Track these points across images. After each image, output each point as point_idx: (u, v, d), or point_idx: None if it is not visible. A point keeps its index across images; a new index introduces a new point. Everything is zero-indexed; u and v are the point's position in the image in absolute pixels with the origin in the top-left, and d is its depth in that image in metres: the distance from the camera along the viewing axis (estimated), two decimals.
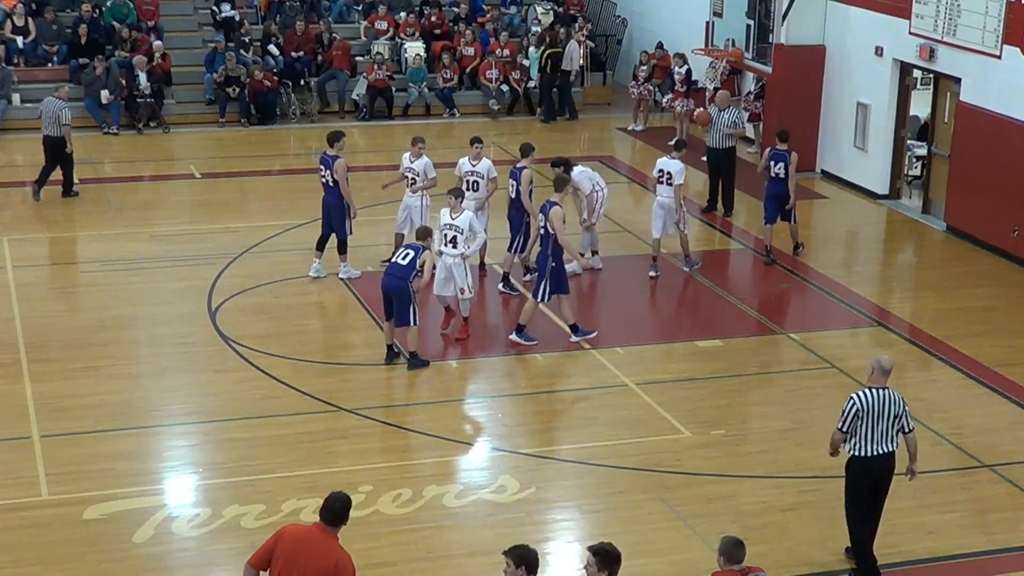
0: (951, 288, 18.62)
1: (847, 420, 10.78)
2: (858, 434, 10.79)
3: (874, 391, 10.78)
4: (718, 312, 17.66)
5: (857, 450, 10.84)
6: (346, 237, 17.76)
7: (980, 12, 19.76)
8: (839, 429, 10.84)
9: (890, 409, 10.78)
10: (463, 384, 15.39)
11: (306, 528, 8.74)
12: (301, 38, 28.16)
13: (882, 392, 10.79)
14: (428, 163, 17.99)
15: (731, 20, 25.47)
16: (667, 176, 18.25)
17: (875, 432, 10.76)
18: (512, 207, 17.70)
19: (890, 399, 10.79)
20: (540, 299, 15.86)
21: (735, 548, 8.87)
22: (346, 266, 17.96)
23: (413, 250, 15.12)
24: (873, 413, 10.73)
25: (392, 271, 15.13)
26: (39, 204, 21.41)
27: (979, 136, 20.03)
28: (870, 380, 10.93)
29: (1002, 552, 11.79)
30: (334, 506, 8.63)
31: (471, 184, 17.72)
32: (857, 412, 10.73)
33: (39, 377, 14.95)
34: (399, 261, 15.10)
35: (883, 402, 10.76)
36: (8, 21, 27.07)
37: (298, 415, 14.16)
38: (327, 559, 8.44)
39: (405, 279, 14.98)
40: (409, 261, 15.00)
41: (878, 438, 10.78)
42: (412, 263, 14.98)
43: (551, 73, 28.05)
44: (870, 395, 10.76)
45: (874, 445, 10.78)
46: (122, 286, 17.78)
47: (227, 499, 12.32)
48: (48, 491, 12.42)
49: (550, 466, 13.19)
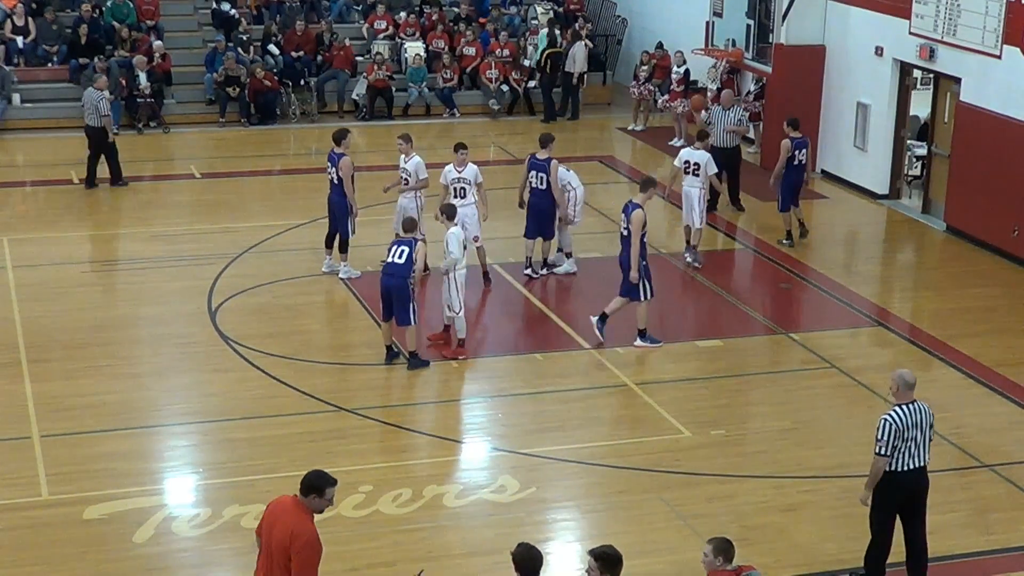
0: (951, 288, 18.63)
1: (887, 442, 10.48)
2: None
3: (905, 407, 10.55)
4: (718, 312, 17.67)
5: (888, 465, 10.60)
6: (348, 236, 17.74)
7: (980, 12, 19.76)
8: (879, 454, 10.53)
9: (924, 420, 10.59)
10: (463, 384, 15.37)
11: (285, 498, 8.96)
12: (301, 38, 28.17)
13: (913, 406, 10.58)
14: (419, 163, 17.90)
15: (731, 20, 25.48)
16: (694, 167, 18.61)
17: (908, 447, 10.54)
18: (539, 196, 17.81)
19: (922, 412, 10.60)
20: (646, 298, 15.95)
21: (730, 547, 8.89)
22: (346, 266, 17.94)
23: (407, 245, 15.02)
24: (907, 429, 10.50)
25: (390, 270, 15.04)
26: (39, 204, 21.42)
27: (979, 136, 20.03)
28: (898, 397, 10.62)
29: (1002, 552, 11.79)
30: (307, 476, 8.84)
31: (458, 191, 17.53)
32: (896, 432, 10.47)
33: (39, 377, 14.94)
34: (395, 260, 15.00)
35: (917, 416, 10.56)
36: (8, 21, 27.07)
37: (298, 415, 14.16)
38: (287, 528, 8.70)
39: (404, 277, 14.93)
40: (406, 258, 14.92)
41: (911, 453, 10.56)
42: (409, 259, 14.92)
43: (551, 73, 28.05)
44: (903, 412, 10.53)
45: (906, 460, 10.57)
46: (122, 286, 17.79)
47: (227, 499, 12.31)
48: (48, 491, 12.42)
49: (550, 466, 13.19)
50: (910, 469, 10.62)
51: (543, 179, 17.82)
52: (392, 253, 15.10)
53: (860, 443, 13.61)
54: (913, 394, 10.66)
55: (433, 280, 17.14)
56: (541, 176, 17.85)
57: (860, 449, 13.47)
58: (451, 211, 15.87)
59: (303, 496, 8.79)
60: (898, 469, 10.61)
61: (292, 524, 8.69)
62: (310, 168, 21.65)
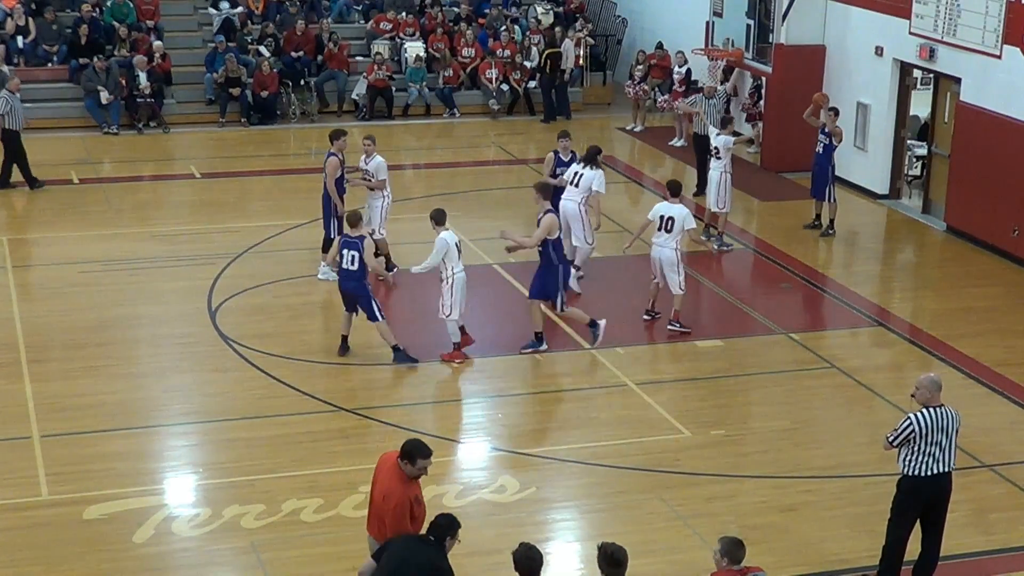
0: (951, 288, 18.63)
1: (899, 437, 10.47)
2: (913, 453, 10.49)
3: (931, 410, 10.45)
4: (718, 312, 17.67)
5: (909, 469, 10.54)
6: (330, 236, 17.65)
7: (980, 12, 19.76)
8: (889, 440, 10.56)
9: (951, 425, 10.48)
10: (463, 384, 15.37)
11: (392, 454, 9.61)
12: (301, 38, 28.16)
13: (940, 411, 10.48)
14: (380, 164, 18.04)
15: (731, 20, 25.48)
16: (715, 150, 19.50)
17: (931, 451, 10.45)
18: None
19: (949, 416, 10.49)
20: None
21: (738, 548, 8.88)
22: (325, 266, 17.84)
23: (356, 250, 15.13)
24: (931, 433, 10.41)
25: (345, 275, 15.27)
26: (39, 204, 21.42)
27: (979, 136, 20.02)
28: (928, 401, 10.49)
29: (1002, 552, 11.79)
30: (406, 442, 9.51)
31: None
32: (912, 434, 10.41)
33: (39, 377, 14.95)
34: (347, 266, 15.16)
35: (942, 420, 10.44)
36: (8, 21, 27.07)
37: (298, 415, 14.16)
38: (383, 487, 9.51)
39: (360, 279, 15.20)
40: (358, 263, 15.09)
41: (935, 458, 10.47)
42: (361, 264, 15.10)
43: (551, 73, 28.06)
44: (928, 415, 10.43)
45: (930, 465, 10.49)
46: (122, 286, 17.78)
47: (227, 499, 12.32)
48: (48, 491, 12.43)
49: (550, 466, 13.19)
50: (934, 474, 10.54)
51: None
52: (344, 259, 15.19)
53: (860, 443, 13.65)
54: (941, 397, 10.58)
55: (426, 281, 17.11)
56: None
57: (860, 449, 13.50)
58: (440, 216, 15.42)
59: (400, 459, 9.40)
60: (921, 474, 10.52)
61: (387, 485, 9.42)
62: (310, 168, 21.63)
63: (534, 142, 26.51)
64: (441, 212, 15.43)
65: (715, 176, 19.59)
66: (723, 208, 19.59)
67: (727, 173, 19.49)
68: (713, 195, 19.64)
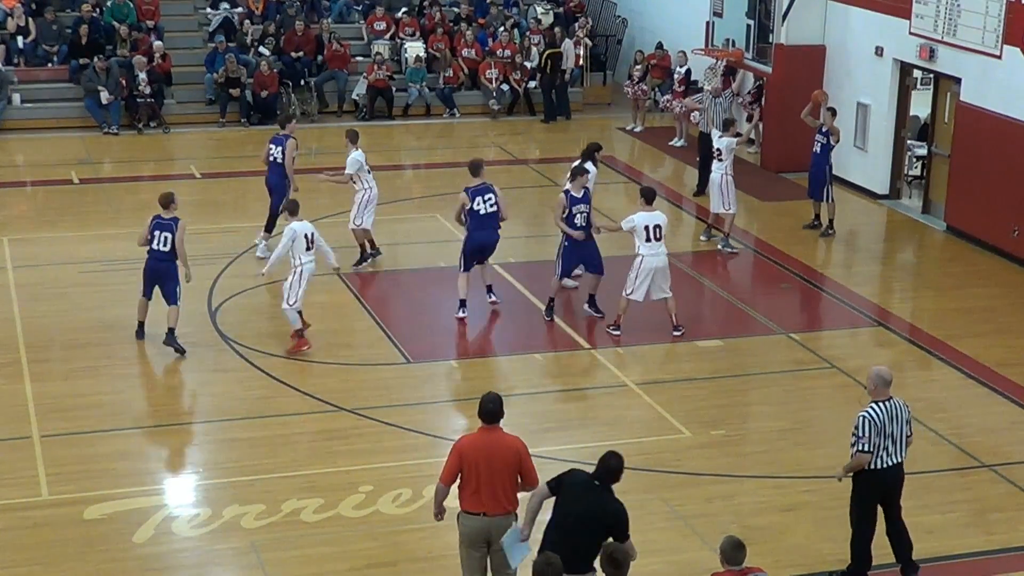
0: (951, 288, 18.62)
1: (868, 438, 10.57)
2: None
3: (882, 404, 10.66)
4: (718, 312, 17.67)
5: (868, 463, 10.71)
6: (277, 214, 18.15)
7: (980, 12, 19.76)
8: (862, 451, 10.60)
9: (901, 416, 10.71)
10: (463, 384, 15.38)
11: (477, 435, 9.92)
12: (301, 38, 28.15)
13: (890, 404, 10.70)
14: (351, 159, 18.29)
15: (731, 20, 25.46)
16: (718, 152, 19.54)
17: (885, 444, 10.65)
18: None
19: (898, 408, 10.72)
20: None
21: (736, 550, 8.88)
22: (264, 243, 18.40)
23: (169, 232, 15.43)
24: (887, 425, 10.62)
25: (156, 256, 15.51)
26: (39, 204, 21.42)
27: (979, 136, 20.02)
28: (875, 395, 10.74)
29: (1002, 552, 11.79)
30: (488, 407, 9.88)
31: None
32: (874, 429, 10.56)
33: (39, 377, 14.95)
34: (159, 247, 15.44)
35: (893, 413, 10.67)
36: (8, 21, 27.06)
37: (298, 415, 14.17)
38: (509, 448, 9.84)
39: (170, 260, 15.46)
40: (169, 244, 15.38)
41: (888, 451, 10.67)
42: (171, 244, 15.38)
43: (551, 73, 28.06)
44: (880, 409, 10.64)
45: (884, 459, 10.67)
46: (122, 286, 17.74)
47: (227, 499, 12.32)
48: (48, 491, 12.43)
49: (550, 466, 13.14)
50: (888, 466, 10.76)
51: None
52: (156, 239, 15.47)
53: None
54: (890, 391, 10.76)
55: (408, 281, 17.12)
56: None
57: None
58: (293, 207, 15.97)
59: (494, 422, 9.86)
60: (877, 467, 10.73)
61: (511, 443, 9.86)
62: (310, 168, 21.55)
63: (534, 142, 26.52)
64: (294, 203, 15.92)
65: (716, 178, 19.59)
66: (729, 209, 19.56)
67: (728, 175, 19.47)
68: (716, 197, 19.61)
